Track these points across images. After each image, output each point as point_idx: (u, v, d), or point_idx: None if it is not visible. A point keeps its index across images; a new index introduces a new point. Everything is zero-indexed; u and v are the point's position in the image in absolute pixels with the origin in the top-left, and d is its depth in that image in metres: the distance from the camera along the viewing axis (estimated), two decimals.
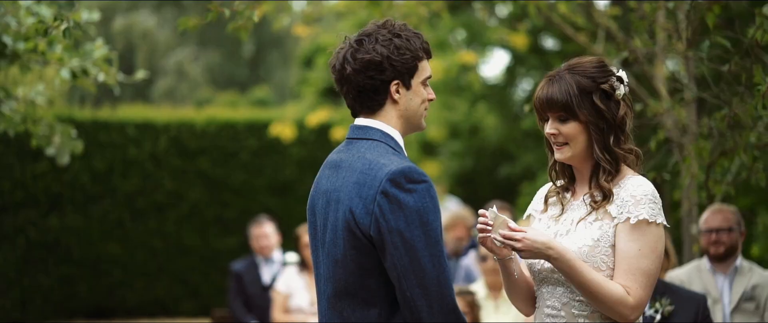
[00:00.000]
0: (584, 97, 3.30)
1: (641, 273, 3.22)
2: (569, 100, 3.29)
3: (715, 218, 5.76)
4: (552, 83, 3.34)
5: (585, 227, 3.31)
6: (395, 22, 3.27)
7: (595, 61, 3.38)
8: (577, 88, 3.30)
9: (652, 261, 3.24)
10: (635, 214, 3.24)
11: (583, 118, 3.30)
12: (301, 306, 8.14)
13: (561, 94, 3.30)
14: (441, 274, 3.07)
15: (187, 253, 13.79)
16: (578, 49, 7.38)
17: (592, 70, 3.33)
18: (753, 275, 5.73)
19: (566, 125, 3.32)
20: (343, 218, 3.14)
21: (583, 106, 3.29)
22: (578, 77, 3.32)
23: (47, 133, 6.80)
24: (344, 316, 3.18)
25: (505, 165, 15.51)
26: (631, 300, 3.21)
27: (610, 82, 3.33)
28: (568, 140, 3.33)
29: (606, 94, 3.32)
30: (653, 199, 3.26)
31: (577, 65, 3.36)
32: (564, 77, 3.33)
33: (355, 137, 3.26)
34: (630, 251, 3.23)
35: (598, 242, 3.27)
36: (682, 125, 6.41)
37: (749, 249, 9.17)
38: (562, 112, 3.31)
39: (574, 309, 3.30)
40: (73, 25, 5.19)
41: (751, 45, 4.95)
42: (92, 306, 13.48)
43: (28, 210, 13.13)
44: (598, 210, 3.30)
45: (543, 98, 3.34)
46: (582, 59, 3.39)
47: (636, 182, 3.29)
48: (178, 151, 13.87)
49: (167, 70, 27.14)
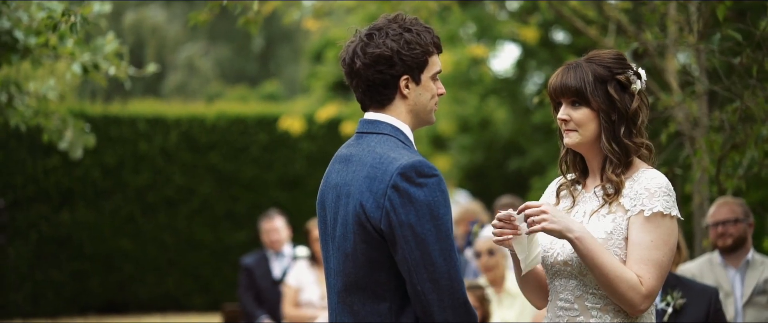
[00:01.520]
0: (598, 84, 3.31)
1: (653, 264, 3.22)
2: (583, 86, 3.31)
3: (721, 211, 5.74)
4: (568, 71, 3.36)
5: (598, 220, 3.31)
6: (406, 17, 3.26)
7: (614, 53, 3.40)
8: (592, 76, 3.32)
9: (664, 253, 3.24)
10: (650, 207, 3.24)
11: (595, 106, 3.31)
12: (312, 300, 8.15)
13: (575, 80, 3.32)
14: (451, 268, 3.07)
15: (197, 248, 13.83)
16: (589, 43, 7.37)
17: (609, 61, 3.35)
18: (766, 268, 5.70)
19: (578, 111, 3.33)
20: (353, 212, 3.14)
21: (596, 93, 3.31)
22: (595, 66, 3.34)
23: (59, 127, 6.82)
24: (354, 310, 3.19)
25: (515, 159, 15.50)
26: (643, 288, 3.21)
27: (627, 74, 3.34)
28: (578, 126, 3.33)
29: (621, 85, 3.33)
30: (668, 192, 3.26)
31: (596, 56, 3.38)
32: (581, 65, 3.35)
33: (365, 131, 3.26)
34: (643, 242, 3.23)
35: (611, 235, 3.27)
36: (694, 118, 6.40)
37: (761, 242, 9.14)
38: (575, 97, 3.32)
39: (587, 301, 3.30)
40: (81, 19, 5.21)
41: (763, 37, 4.94)
42: (104, 301, 13.53)
43: (39, 205, 13.18)
44: (610, 204, 3.30)
45: (558, 84, 3.36)
46: (601, 51, 3.42)
47: (650, 175, 3.29)
48: (188, 146, 13.90)
49: (178, 65, 27.19)
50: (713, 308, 5.12)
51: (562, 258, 3.33)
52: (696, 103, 6.40)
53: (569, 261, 3.31)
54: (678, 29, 6.40)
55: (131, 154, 13.61)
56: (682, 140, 6.55)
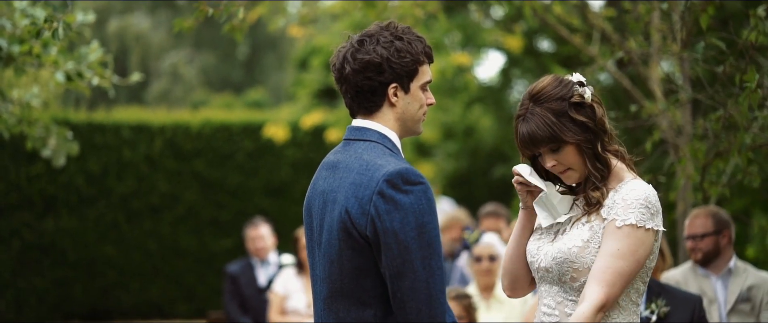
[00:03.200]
0: (563, 119, 3.31)
1: (614, 273, 3.23)
2: (552, 130, 3.30)
3: (692, 224, 5.73)
4: (527, 121, 3.34)
5: (578, 227, 3.35)
6: (399, 25, 3.27)
7: (552, 80, 3.38)
8: (553, 115, 3.31)
9: (629, 263, 3.25)
10: (622, 218, 3.26)
11: (572, 140, 3.32)
12: (298, 308, 8.14)
13: (541, 128, 3.31)
14: (430, 278, 3.06)
15: (182, 255, 13.78)
16: (573, 51, 7.40)
17: (555, 92, 3.33)
18: (748, 276, 5.72)
19: (561, 154, 3.34)
20: (338, 218, 3.14)
21: (565, 128, 3.30)
22: (547, 104, 3.32)
23: (43, 134, 6.79)
24: (340, 317, 3.19)
25: (500, 167, 15.52)
26: (590, 306, 3.21)
27: (575, 92, 3.34)
28: (569, 165, 3.36)
29: (578, 105, 3.33)
30: (645, 204, 3.27)
31: (540, 93, 3.34)
32: (535, 112, 3.33)
33: (352, 138, 3.27)
34: (610, 249, 3.25)
35: (588, 243, 3.30)
36: (677, 126, 6.43)
37: (744, 250, 9.18)
38: (552, 143, 3.33)
39: (567, 308, 3.34)
40: (65, 26, 5.19)
41: (746, 46, 4.96)
42: (87, 308, 13.46)
43: (22, 213, 13.10)
44: (590, 214, 3.33)
45: (526, 138, 3.35)
46: (539, 84, 3.38)
47: (630, 186, 3.31)
48: (173, 153, 13.86)
49: (162, 73, 27.10)
50: (697, 316, 5.14)
51: (544, 264, 3.38)
52: (680, 112, 6.42)
53: (550, 269, 3.36)
54: (662, 38, 6.43)
55: (115, 161, 13.56)
56: (666, 148, 6.58)
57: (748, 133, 5.23)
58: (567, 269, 3.31)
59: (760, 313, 5.65)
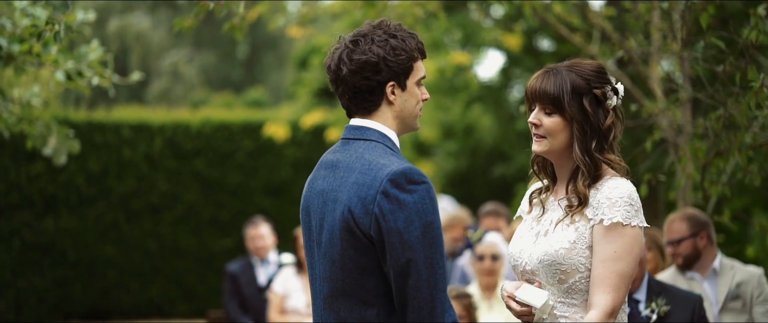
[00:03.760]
0: (575, 96, 3.32)
1: (616, 276, 3.24)
2: (560, 94, 3.31)
3: (669, 230, 5.70)
4: (548, 76, 3.36)
5: (562, 229, 3.33)
6: (390, 23, 3.27)
7: (596, 65, 3.40)
8: (570, 86, 3.32)
9: (627, 263, 3.25)
10: (609, 217, 3.25)
11: (568, 116, 3.32)
12: (297, 308, 8.13)
13: (553, 87, 3.32)
14: (433, 277, 3.07)
15: (182, 255, 13.78)
16: (573, 50, 7.39)
17: (589, 73, 3.35)
18: (736, 273, 5.67)
19: (550, 118, 3.34)
20: (340, 218, 3.14)
21: (572, 104, 3.31)
22: (574, 76, 3.33)
23: (43, 133, 6.79)
24: (341, 316, 3.18)
25: (500, 166, 15.52)
26: (600, 312, 3.22)
27: (604, 90, 3.34)
28: (548, 134, 3.35)
29: (597, 100, 3.33)
30: (629, 201, 3.27)
31: (577, 65, 3.38)
32: (561, 72, 3.35)
33: (352, 137, 3.26)
34: (606, 254, 3.25)
35: (574, 244, 3.29)
36: (678, 126, 6.42)
37: (744, 250, 9.18)
38: (550, 105, 3.33)
39: (557, 310, 3.34)
40: (65, 28, 5.19)
41: (746, 45, 4.96)
42: (87, 308, 13.46)
43: (22, 212, 13.10)
44: (573, 215, 3.32)
45: (536, 88, 3.36)
46: (583, 61, 3.42)
47: (612, 184, 3.30)
48: (173, 153, 13.85)
49: (162, 72, 27.11)
50: (698, 315, 5.14)
51: (529, 267, 3.37)
52: (680, 111, 6.42)
53: (536, 271, 3.36)
54: (662, 37, 6.43)
55: (115, 160, 13.56)
56: (667, 147, 6.58)
57: (749, 132, 5.23)
58: (555, 271, 3.30)
59: (751, 308, 5.63)
